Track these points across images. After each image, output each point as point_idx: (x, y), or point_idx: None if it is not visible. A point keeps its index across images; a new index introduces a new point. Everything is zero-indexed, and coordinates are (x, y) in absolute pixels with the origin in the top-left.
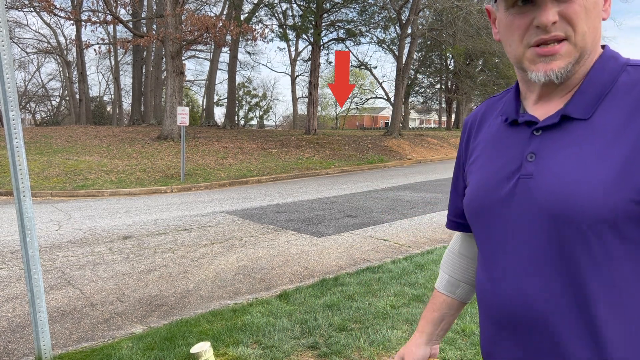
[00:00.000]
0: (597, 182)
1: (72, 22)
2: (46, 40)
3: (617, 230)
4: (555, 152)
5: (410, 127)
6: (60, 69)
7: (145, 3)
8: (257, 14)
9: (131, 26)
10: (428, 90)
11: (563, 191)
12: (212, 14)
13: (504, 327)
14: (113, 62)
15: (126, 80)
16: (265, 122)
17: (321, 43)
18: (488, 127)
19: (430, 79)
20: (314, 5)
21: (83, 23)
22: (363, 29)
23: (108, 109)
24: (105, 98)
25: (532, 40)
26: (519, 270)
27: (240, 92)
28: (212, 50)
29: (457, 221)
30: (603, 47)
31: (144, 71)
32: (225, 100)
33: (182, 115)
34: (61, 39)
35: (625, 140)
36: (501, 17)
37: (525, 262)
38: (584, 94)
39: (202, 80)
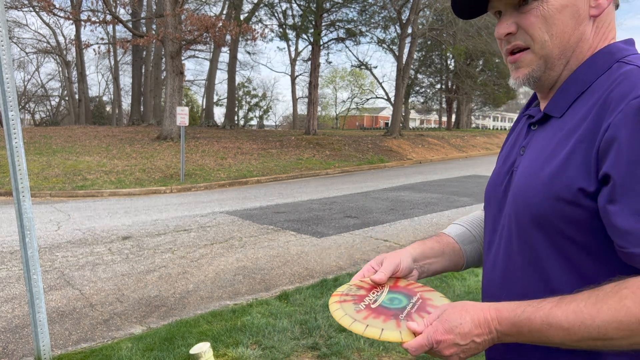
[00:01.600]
0: (541, 178)
1: (71, 22)
2: (45, 40)
3: (552, 224)
4: (533, 146)
5: (411, 127)
6: (60, 69)
7: (144, 3)
8: (257, 13)
9: (131, 26)
10: (428, 90)
11: (521, 185)
12: (211, 14)
13: None
14: (112, 62)
15: (126, 80)
16: (265, 122)
17: (321, 43)
18: (519, 124)
19: (431, 79)
20: (314, 5)
21: (82, 23)
22: (363, 29)
23: (107, 109)
24: (104, 98)
25: (503, 49)
26: (500, 263)
27: (240, 92)
28: (212, 50)
29: None
30: (629, 41)
31: (143, 71)
32: (225, 100)
33: (182, 116)
34: (60, 38)
35: (572, 139)
36: None
37: (505, 254)
38: (563, 92)
39: (202, 80)
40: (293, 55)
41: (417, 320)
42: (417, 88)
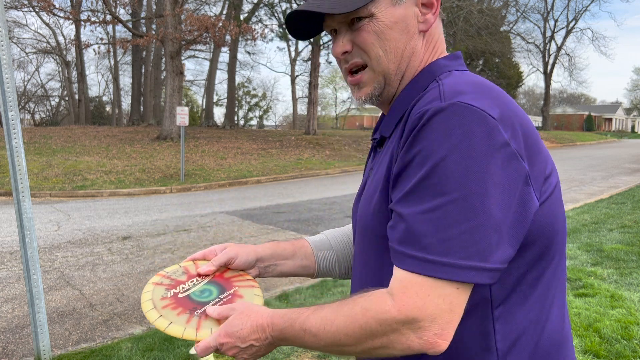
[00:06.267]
0: (371, 203)
1: (71, 22)
2: (45, 40)
3: (384, 244)
4: (375, 167)
5: None
6: (60, 69)
7: (144, 3)
8: (256, 13)
9: (130, 26)
10: None
11: (360, 207)
12: (211, 14)
13: None
14: (112, 62)
15: (125, 80)
16: (265, 122)
17: (321, 43)
18: None
19: None
20: None
21: (82, 23)
22: None
23: (107, 109)
24: (104, 98)
25: (343, 69)
26: (356, 273)
27: (240, 92)
28: (212, 50)
29: None
30: (455, 56)
31: (143, 71)
32: (225, 100)
33: (182, 115)
34: (60, 39)
35: (386, 165)
36: None
37: (355, 261)
38: (389, 116)
39: (202, 80)
40: (293, 55)
41: (209, 309)
42: None
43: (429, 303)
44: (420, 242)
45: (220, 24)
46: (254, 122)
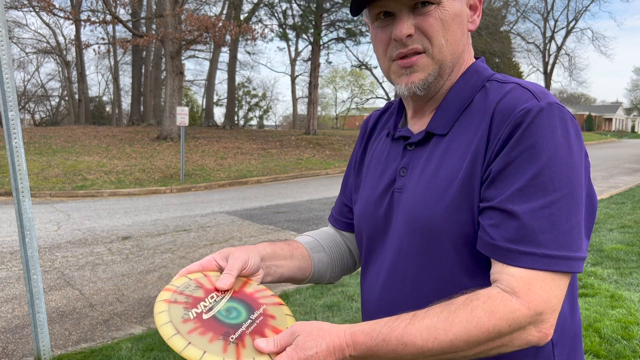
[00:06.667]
0: (443, 200)
1: (71, 22)
2: (45, 40)
3: (455, 244)
4: (420, 166)
5: None
6: (60, 69)
7: (144, 3)
8: (256, 13)
9: (130, 26)
10: None
11: (418, 205)
12: (211, 14)
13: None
14: (112, 62)
15: (125, 80)
16: (265, 122)
17: (321, 43)
18: (378, 140)
19: None
20: (314, 5)
21: (82, 23)
22: (363, 29)
23: (107, 109)
24: (104, 98)
25: (393, 54)
26: (399, 274)
27: (240, 92)
28: (212, 50)
29: (342, 220)
30: (479, 59)
31: (143, 71)
32: (225, 100)
33: (182, 115)
34: (60, 39)
35: (467, 158)
36: (371, 30)
37: (402, 267)
38: (444, 111)
39: (202, 80)
40: (293, 55)
41: (258, 342)
42: None
43: (552, 296)
44: (537, 239)
45: (220, 24)
46: (254, 122)
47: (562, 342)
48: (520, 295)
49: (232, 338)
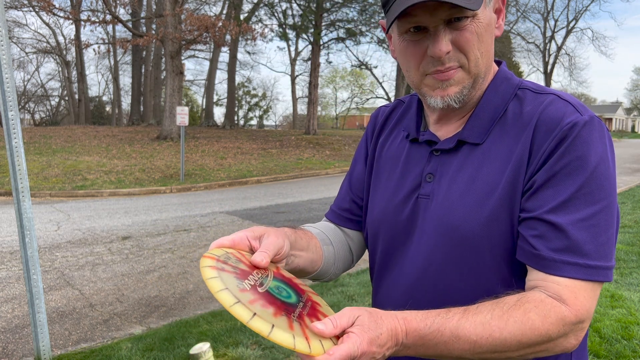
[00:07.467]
0: (483, 210)
1: (71, 21)
2: (45, 40)
3: (493, 253)
4: (451, 174)
5: None
6: (60, 68)
7: (144, 3)
8: (256, 13)
9: (130, 26)
10: None
11: (454, 215)
12: (211, 14)
13: None
14: (112, 62)
15: (125, 80)
16: (265, 122)
17: (321, 43)
18: (391, 140)
19: None
20: (314, 5)
21: (82, 23)
22: (363, 29)
23: (107, 109)
24: (104, 98)
25: (429, 70)
26: (430, 280)
27: (240, 92)
28: (212, 50)
29: (347, 216)
30: (499, 62)
31: (143, 71)
32: (225, 100)
33: (182, 115)
34: (60, 38)
35: (509, 166)
36: (396, 39)
37: (434, 274)
38: (478, 119)
39: (202, 80)
40: (293, 55)
41: (317, 325)
42: None
43: (592, 305)
44: (581, 250)
45: (220, 24)
46: (254, 122)
47: (584, 341)
48: (569, 303)
49: (293, 316)
